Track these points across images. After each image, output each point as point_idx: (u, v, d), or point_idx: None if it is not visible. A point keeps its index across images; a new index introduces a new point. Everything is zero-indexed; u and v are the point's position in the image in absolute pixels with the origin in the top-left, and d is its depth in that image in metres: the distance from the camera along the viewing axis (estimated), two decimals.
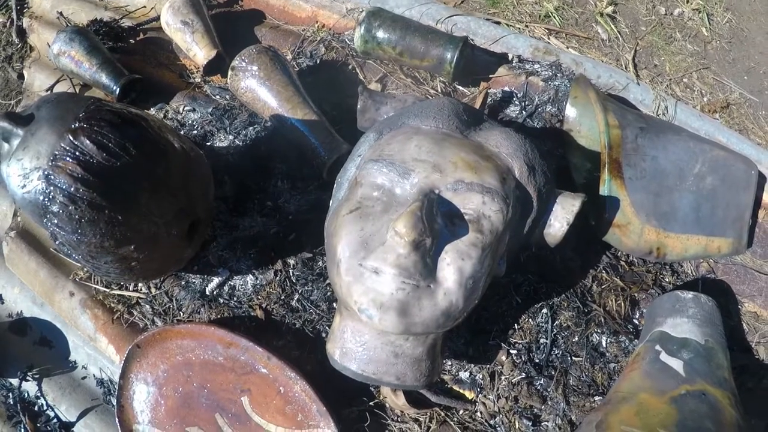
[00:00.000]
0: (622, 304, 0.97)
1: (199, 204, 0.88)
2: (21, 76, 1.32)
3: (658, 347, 0.90)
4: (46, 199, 0.79)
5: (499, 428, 0.91)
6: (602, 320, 0.95)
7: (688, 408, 0.81)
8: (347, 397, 0.89)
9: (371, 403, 0.90)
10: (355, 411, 0.89)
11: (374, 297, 0.70)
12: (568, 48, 1.19)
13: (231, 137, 1.08)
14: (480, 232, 0.74)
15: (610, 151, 0.95)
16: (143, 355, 0.91)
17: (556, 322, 0.94)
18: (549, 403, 0.91)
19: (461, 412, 0.90)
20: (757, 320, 1.06)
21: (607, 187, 0.94)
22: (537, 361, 0.92)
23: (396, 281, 0.70)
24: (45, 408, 1.02)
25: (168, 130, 0.87)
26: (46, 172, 0.78)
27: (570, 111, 1.05)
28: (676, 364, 0.87)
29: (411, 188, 0.75)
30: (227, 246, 0.96)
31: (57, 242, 0.83)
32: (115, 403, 0.98)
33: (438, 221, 0.72)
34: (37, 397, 1.03)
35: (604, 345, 0.95)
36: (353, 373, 0.79)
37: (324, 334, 0.92)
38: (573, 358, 0.93)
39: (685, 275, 1.04)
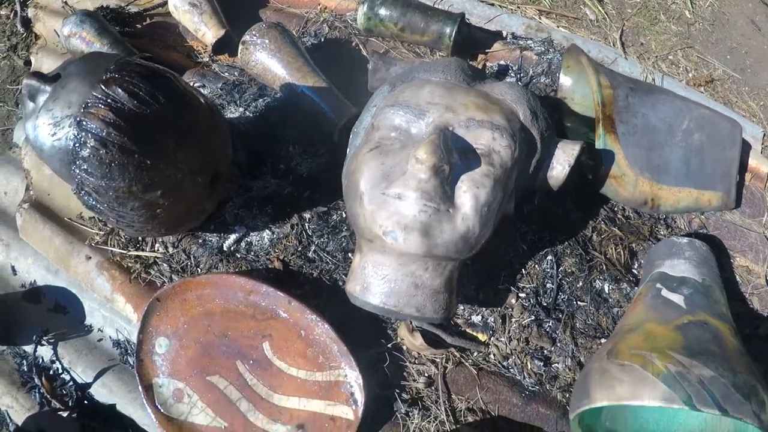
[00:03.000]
0: (622, 252, 1.06)
1: (221, 158, 0.96)
2: (27, 63, 1.40)
3: (658, 285, 0.99)
4: (77, 144, 0.86)
5: (512, 369, 0.98)
6: (604, 267, 1.04)
7: (692, 334, 0.89)
8: (365, 342, 0.96)
9: (389, 346, 0.96)
10: (373, 353, 0.95)
11: (398, 219, 0.79)
12: (558, 27, 1.31)
13: (241, 109, 1.16)
14: (491, 165, 0.83)
15: (604, 108, 1.05)
16: (163, 308, 0.97)
17: (561, 268, 1.02)
18: (558, 344, 0.99)
19: (475, 354, 0.98)
20: (749, 273, 1.16)
21: (602, 141, 1.04)
22: (545, 304, 1.00)
23: (418, 204, 0.78)
24: (60, 372, 1.06)
25: (192, 87, 0.95)
26: (78, 119, 0.86)
27: (564, 80, 1.16)
28: (677, 299, 0.96)
29: (426, 127, 0.85)
30: (243, 205, 1.04)
31: (82, 192, 0.90)
32: (132, 362, 1.04)
33: (453, 154, 0.82)
34: (53, 362, 1.07)
35: (606, 291, 1.03)
36: (374, 307, 0.86)
37: (341, 283, 0.99)
38: (578, 302, 1.02)
39: (678, 230, 1.14)
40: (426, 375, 0.96)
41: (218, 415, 0.94)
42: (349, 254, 1.01)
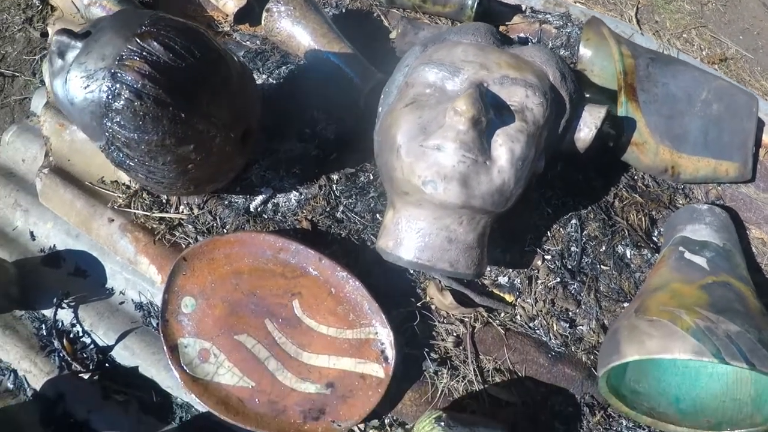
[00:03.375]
0: (643, 219, 1.07)
1: (252, 115, 0.96)
2: (44, 35, 1.39)
3: (681, 248, 1.00)
4: (111, 96, 0.85)
5: (538, 330, 0.99)
6: (626, 233, 1.05)
7: (716, 293, 0.91)
8: (393, 301, 0.96)
9: (418, 304, 0.97)
10: (402, 312, 0.95)
11: (438, 170, 0.80)
12: (575, 2, 1.33)
13: (264, 76, 1.16)
14: (525, 121, 0.85)
15: (625, 77, 1.07)
16: (189, 268, 0.97)
17: (585, 232, 1.04)
18: (583, 307, 1.00)
19: (502, 314, 0.98)
20: (764, 245, 1.18)
21: (624, 108, 1.06)
22: (570, 267, 1.01)
23: (457, 154, 0.79)
24: (81, 335, 1.05)
25: (224, 45, 0.95)
26: (112, 71, 0.85)
27: (584, 52, 1.18)
28: (700, 261, 0.97)
29: (462, 83, 0.86)
30: (269, 167, 1.04)
31: (112, 148, 0.90)
32: (155, 324, 1.03)
33: (489, 109, 0.83)
34: (73, 325, 1.06)
35: (628, 256, 1.05)
36: (407, 262, 0.87)
37: (369, 243, 0.99)
38: (601, 266, 1.03)
39: (696, 200, 1.16)
40: (454, 334, 0.96)
41: (245, 374, 0.94)
42: (377, 215, 1.01)
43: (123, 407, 1.01)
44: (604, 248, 1.03)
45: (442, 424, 0.85)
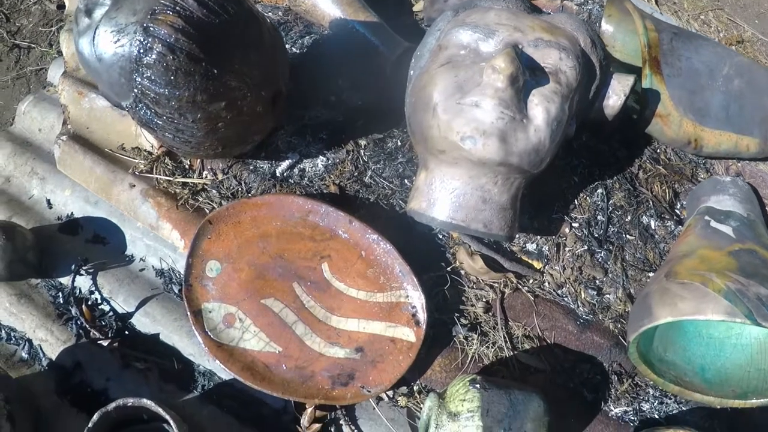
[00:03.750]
0: (666, 190, 1.06)
1: (281, 77, 0.94)
2: (60, 6, 1.36)
3: (707, 217, 0.99)
4: (142, 50, 0.83)
5: (566, 298, 0.97)
6: (650, 204, 1.04)
7: (744, 260, 0.90)
8: (423, 266, 0.93)
9: (448, 269, 0.95)
10: (432, 276, 0.93)
11: (476, 126, 0.78)
12: None
13: (287, 46, 1.14)
14: (558, 83, 0.84)
15: (650, 50, 1.07)
16: (215, 231, 0.94)
17: (611, 201, 1.02)
18: (609, 275, 0.99)
19: (531, 281, 0.96)
20: None
21: (648, 81, 1.05)
22: (596, 236, 1.00)
23: (496, 111, 0.78)
24: (100, 302, 1.02)
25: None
26: (144, 24, 0.83)
27: (606, 27, 1.18)
28: (726, 229, 0.97)
29: (496, 45, 0.85)
30: (295, 133, 1.02)
31: (140, 105, 0.87)
32: (177, 291, 1.00)
33: (524, 69, 0.82)
34: (91, 292, 1.02)
35: (653, 227, 1.04)
36: (441, 222, 0.85)
37: (398, 208, 0.97)
38: (627, 236, 1.02)
39: (716, 175, 1.15)
40: (484, 300, 0.94)
41: (272, 339, 0.91)
42: (406, 180, 0.99)
43: (143, 375, 0.97)
44: (629, 218, 1.02)
45: (477, 386, 0.82)
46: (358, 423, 0.92)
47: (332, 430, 0.91)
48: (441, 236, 0.97)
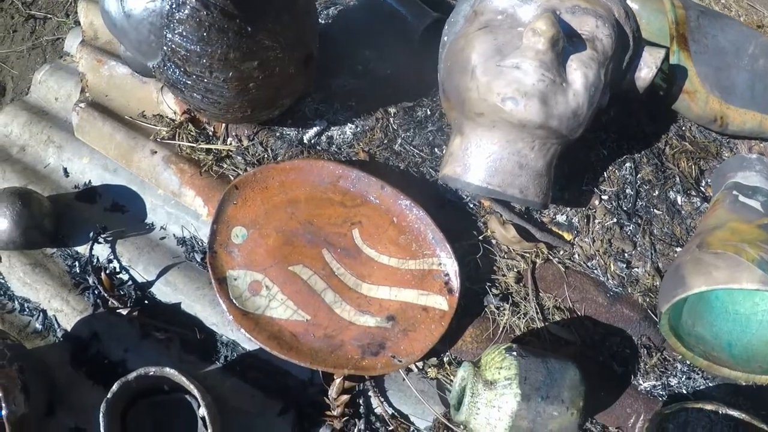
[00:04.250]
0: (693, 166, 1.03)
1: (313, 41, 0.89)
2: None
3: (734, 192, 0.96)
4: (174, 5, 0.78)
5: (596, 270, 0.93)
6: (677, 179, 1.01)
7: None
8: (454, 235, 0.89)
9: (480, 238, 0.90)
10: (464, 245, 0.89)
11: (517, 87, 0.75)
12: None
13: None
14: (595, 50, 0.81)
15: (677, 26, 1.04)
16: (241, 197, 0.88)
17: (639, 175, 0.99)
18: (638, 249, 0.95)
19: (561, 252, 0.92)
20: None
21: (676, 57, 1.02)
22: (625, 209, 0.96)
23: (537, 73, 0.75)
24: (118, 271, 0.96)
25: None
26: None
27: (631, 5, 1.14)
28: (754, 203, 0.93)
29: (534, 10, 0.81)
30: (322, 100, 0.97)
31: (169, 64, 0.82)
32: (199, 259, 0.94)
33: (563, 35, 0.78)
34: (110, 261, 0.96)
35: (679, 202, 1.00)
36: (476, 187, 0.81)
37: (428, 176, 0.93)
38: (654, 210, 0.98)
39: (742, 154, 1.12)
40: (515, 270, 0.90)
41: (300, 307, 0.85)
42: (436, 149, 0.94)
43: (163, 346, 0.91)
44: (657, 192, 0.99)
45: (514, 353, 0.78)
46: (387, 395, 0.86)
47: (360, 401, 0.86)
48: (472, 205, 0.92)
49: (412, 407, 0.86)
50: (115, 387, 0.82)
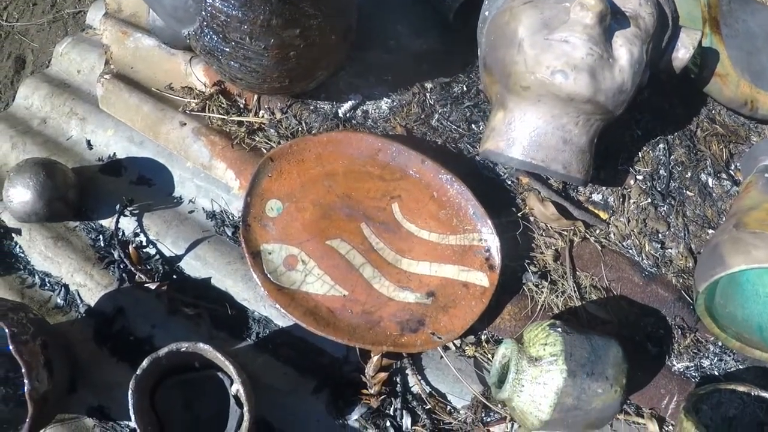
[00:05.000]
0: (723, 149, 0.99)
1: (353, 14, 0.84)
2: None
3: (767, 175, 0.92)
4: None
5: (631, 250, 0.88)
6: (709, 161, 0.97)
7: None
8: (493, 210, 0.83)
9: (519, 215, 0.85)
10: (503, 221, 0.83)
11: (567, 60, 0.72)
12: None
13: None
14: (638, 27, 0.79)
15: (710, 10, 0.99)
16: (276, 169, 0.82)
17: (672, 156, 0.94)
18: (672, 229, 0.90)
19: (597, 231, 0.88)
20: None
21: (708, 40, 0.98)
22: (659, 189, 0.92)
23: (586, 47, 0.73)
24: (145, 245, 0.89)
25: None
26: None
27: None
28: None
29: None
30: (357, 74, 0.91)
31: (207, 31, 0.76)
32: (230, 232, 0.88)
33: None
34: (136, 235, 0.89)
35: (710, 185, 0.96)
36: (520, 162, 0.76)
37: (466, 152, 0.87)
38: (687, 192, 0.94)
39: None
40: (553, 248, 0.85)
41: (337, 282, 0.80)
42: (473, 125, 0.89)
43: (193, 322, 0.85)
44: (689, 174, 0.94)
45: (559, 330, 0.73)
46: (424, 373, 0.81)
47: (397, 380, 0.80)
48: (509, 182, 0.87)
49: (449, 386, 0.81)
50: (145, 363, 0.75)
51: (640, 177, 0.91)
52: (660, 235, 0.90)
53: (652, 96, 0.98)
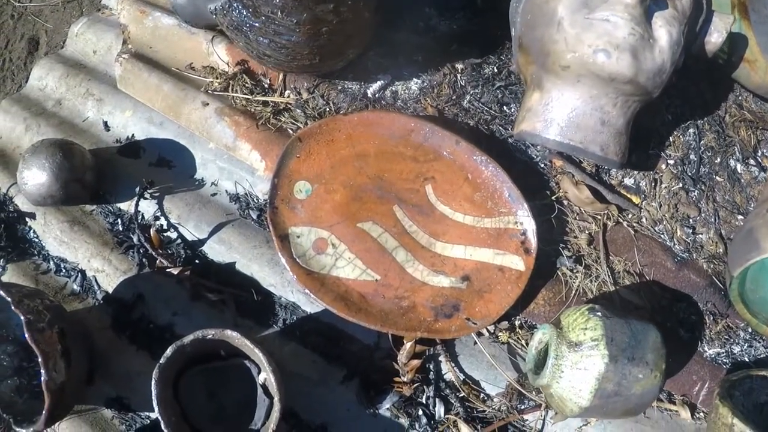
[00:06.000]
0: (751, 135, 0.93)
1: None
2: None
3: None
4: None
5: (662, 235, 0.82)
6: (737, 147, 0.91)
7: None
8: (527, 193, 0.77)
9: (553, 198, 0.78)
10: (537, 204, 0.77)
11: (609, 39, 0.67)
12: None
13: None
14: (676, 9, 0.74)
15: None
16: (305, 150, 0.75)
17: (702, 141, 0.88)
18: (702, 215, 0.84)
19: (630, 216, 0.81)
20: None
21: (737, 25, 0.91)
22: (690, 174, 0.86)
23: (628, 26, 0.67)
24: (166, 229, 0.81)
25: None
26: None
27: None
28: None
29: None
30: (385, 54, 0.83)
31: (236, 5, 0.69)
32: (255, 215, 0.81)
33: None
34: (156, 218, 0.82)
35: (739, 170, 0.90)
36: (557, 143, 0.70)
37: (498, 134, 0.80)
38: (716, 177, 0.88)
39: None
40: (587, 232, 0.79)
41: (369, 266, 0.73)
42: (505, 107, 0.82)
43: (216, 309, 0.77)
44: (718, 160, 0.88)
45: (599, 314, 0.67)
46: (458, 359, 0.74)
47: (430, 367, 0.74)
48: (543, 164, 0.81)
49: (483, 372, 0.74)
50: (169, 351, 0.68)
51: (671, 161, 0.85)
52: (691, 220, 0.84)
53: (681, 81, 0.91)
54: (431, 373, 0.73)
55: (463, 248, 0.73)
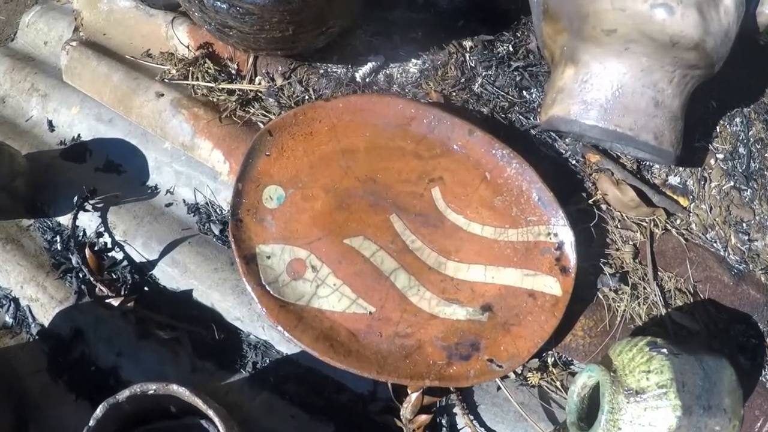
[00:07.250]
0: None
1: None
2: None
3: None
4: None
5: (715, 243, 0.55)
6: None
7: None
8: (557, 196, 0.49)
9: (590, 202, 0.51)
10: (571, 210, 0.49)
11: None
12: None
13: None
14: None
15: None
16: (276, 146, 0.47)
17: (751, 132, 0.61)
18: (757, 218, 0.57)
19: (678, 221, 0.54)
20: None
21: None
22: (740, 170, 0.59)
23: None
24: (110, 247, 0.53)
25: None
26: None
27: None
28: None
29: None
30: (378, 32, 0.56)
31: None
32: (218, 230, 0.53)
33: None
34: (99, 234, 0.54)
35: None
36: (601, 130, 0.43)
37: (518, 124, 0.53)
38: (767, 173, 0.61)
39: None
40: (631, 243, 0.51)
41: (361, 295, 0.45)
42: (524, 92, 0.55)
43: (169, 348, 0.50)
44: None
45: (664, 351, 0.40)
46: (478, 410, 0.47)
47: (443, 421, 0.46)
48: (574, 161, 0.53)
49: (510, 425, 0.47)
50: (99, 411, 0.41)
51: (720, 156, 0.58)
52: (744, 224, 0.56)
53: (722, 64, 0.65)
54: (444, 430, 0.45)
55: (483, 269, 0.45)
